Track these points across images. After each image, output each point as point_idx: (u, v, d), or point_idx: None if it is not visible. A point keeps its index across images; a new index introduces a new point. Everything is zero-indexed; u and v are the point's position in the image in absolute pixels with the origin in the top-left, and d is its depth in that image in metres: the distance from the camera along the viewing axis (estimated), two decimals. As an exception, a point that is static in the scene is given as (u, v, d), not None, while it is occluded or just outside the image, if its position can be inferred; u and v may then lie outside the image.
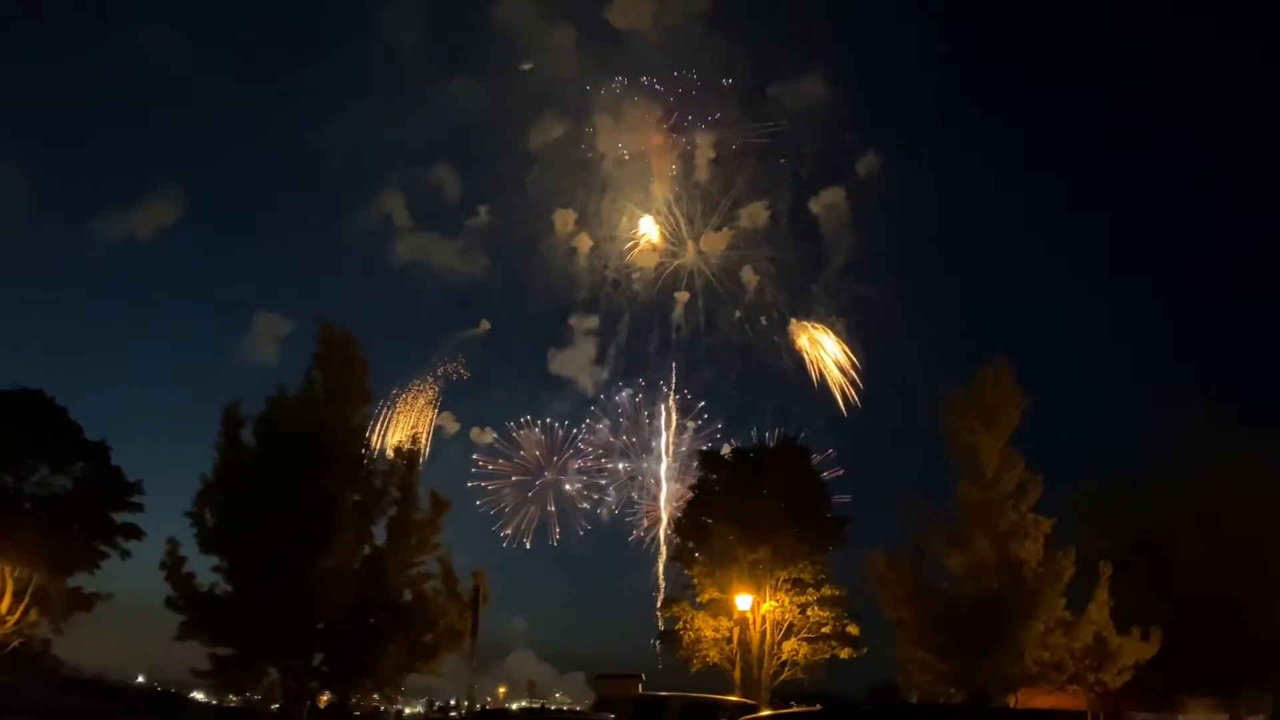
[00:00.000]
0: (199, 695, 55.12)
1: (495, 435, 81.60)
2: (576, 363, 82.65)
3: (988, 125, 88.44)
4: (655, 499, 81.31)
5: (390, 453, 30.03)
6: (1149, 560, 36.31)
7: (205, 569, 26.93)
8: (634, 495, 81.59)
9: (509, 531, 79.95)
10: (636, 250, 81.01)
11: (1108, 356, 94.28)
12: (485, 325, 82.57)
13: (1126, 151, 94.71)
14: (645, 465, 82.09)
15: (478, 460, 80.00)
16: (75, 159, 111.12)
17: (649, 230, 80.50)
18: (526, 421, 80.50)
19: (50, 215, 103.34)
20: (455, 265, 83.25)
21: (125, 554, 35.79)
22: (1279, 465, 36.93)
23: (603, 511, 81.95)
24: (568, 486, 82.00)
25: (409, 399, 78.62)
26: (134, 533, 35.90)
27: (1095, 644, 30.19)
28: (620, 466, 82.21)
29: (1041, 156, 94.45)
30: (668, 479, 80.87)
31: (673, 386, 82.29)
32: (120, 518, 35.91)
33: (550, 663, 77.83)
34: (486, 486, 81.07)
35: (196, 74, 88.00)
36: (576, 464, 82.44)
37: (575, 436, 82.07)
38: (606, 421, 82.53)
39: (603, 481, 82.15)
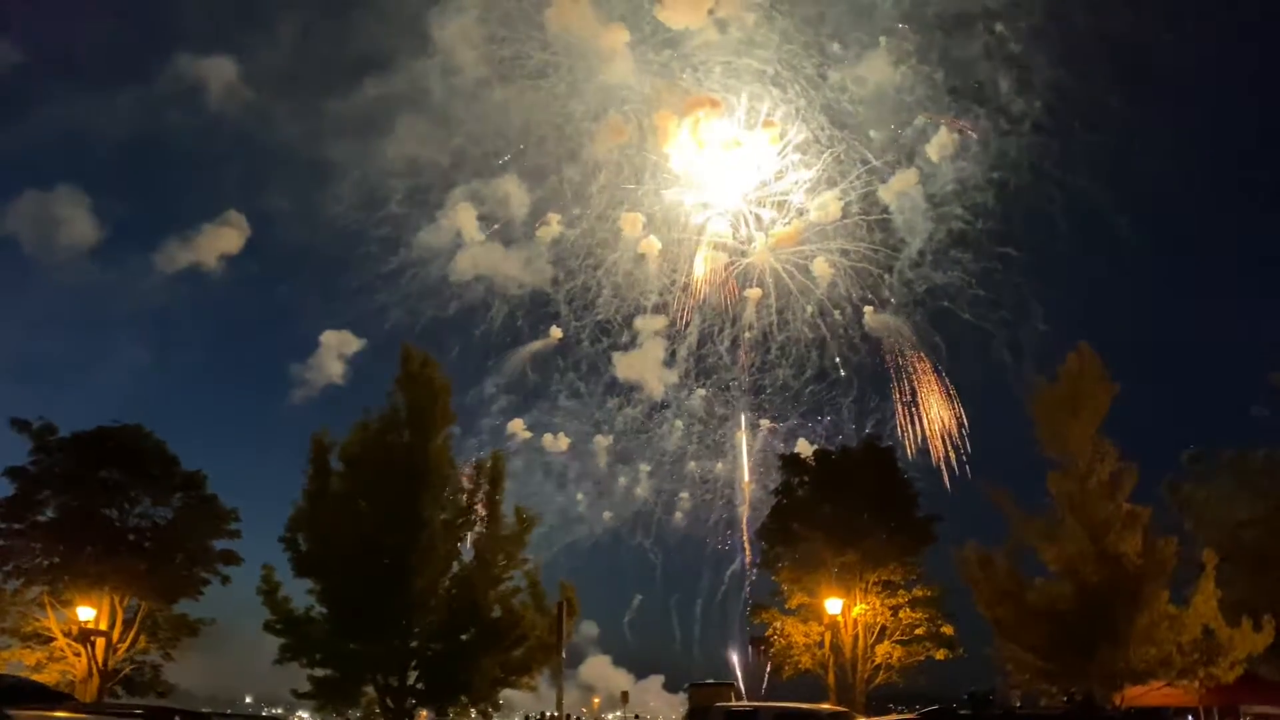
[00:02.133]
0: (305, 715, 56.59)
1: (569, 440, 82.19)
2: (645, 366, 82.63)
3: (1071, 99, 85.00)
4: (731, 501, 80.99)
5: (473, 470, 30.41)
6: (1261, 545, 34.88)
7: (301, 592, 27.64)
8: (708, 498, 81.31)
9: None
10: (705, 253, 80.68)
11: (1205, 330, 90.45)
12: (557, 334, 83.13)
13: (1221, 121, 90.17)
14: (720, 467, 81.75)
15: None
16: (136, 192, 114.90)
17: (717, 229, 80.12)
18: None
19: (116, 249, 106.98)
20: (523, 275, 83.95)
21: (226, 579, 37.04)
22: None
23: (677, 515, 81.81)
24: (639, 490, 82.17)
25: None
26: (233, 559, 37.16)
27: (1203, 636, 29.03)
28: (692, 468, 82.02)
29: (1125, 129, 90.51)
30: (746, 480, 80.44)
31: (746, 385, 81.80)
32: (219, 544, 37.20)
33: (624, 668, 77.77)
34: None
35: (251, 101, 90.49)
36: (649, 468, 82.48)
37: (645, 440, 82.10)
38: (678, 424, 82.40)
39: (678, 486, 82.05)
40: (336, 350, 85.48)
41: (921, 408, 76.53)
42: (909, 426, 75.69)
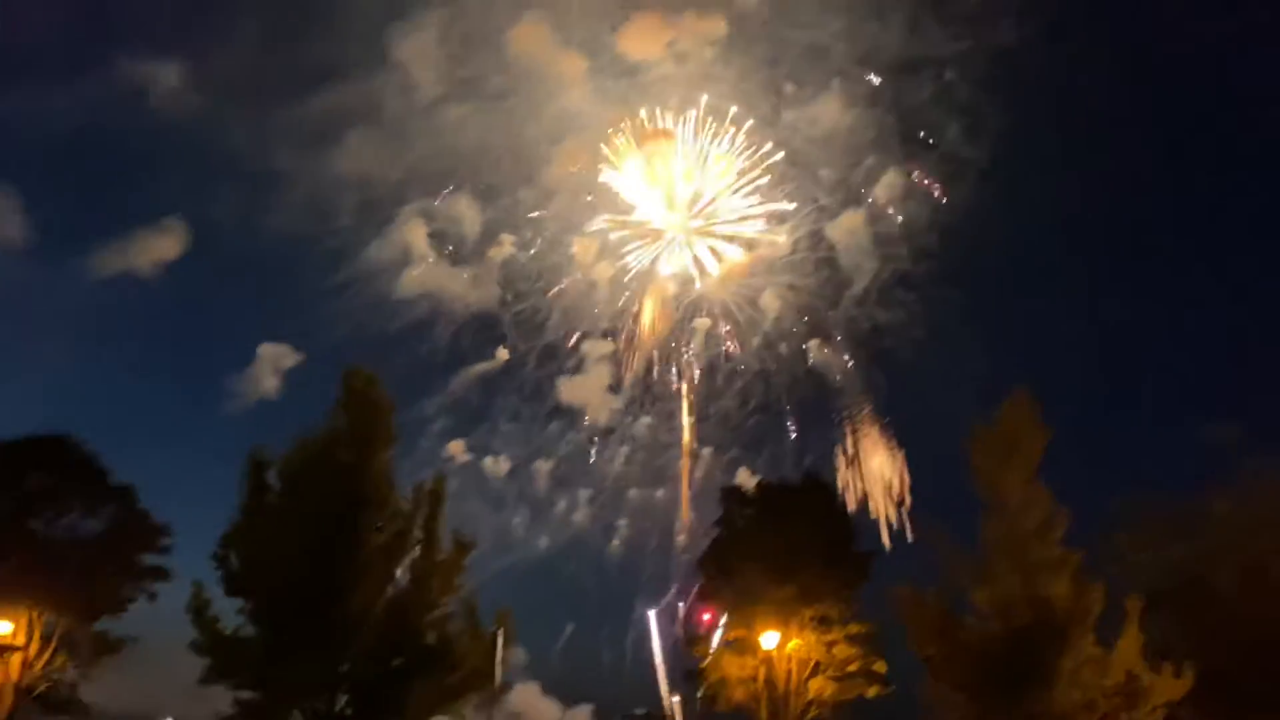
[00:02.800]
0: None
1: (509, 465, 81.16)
2: (590, 391, 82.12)
3: (1014, 144, 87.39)
4: (670, 530, 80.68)
5: (413, 493, 30.06)
6: (1184, 592, 35.81)
7: (230, 612, 27.05)
8: (648, 525, 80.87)
9: None
10: (656, 281, 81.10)
11: (1142, 383, 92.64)
12: (503, 355, 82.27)
13: (1161, 170, 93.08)
14: (661, 495, 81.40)
15: None
16: (72, 193, 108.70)
17: (669, 258, 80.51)
18: None
19: (47, 250, 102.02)
20: (471, 296, 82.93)
21: (153, 597, 36.16)
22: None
23: (615, 543, 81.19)
24: (577, 516, 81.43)
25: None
26: (161, 575, 36.29)
27: (1127, 681, 29.67)
28: (633, 495, 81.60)
29: (1069, 175, 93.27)
30: (685, 509, 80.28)
31: (691, 414, 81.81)
32: (148, 560, 36.31)
33: (553, 696, 76.42)
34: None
35: (199, 106, 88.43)
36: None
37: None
38: (622, 450, 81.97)
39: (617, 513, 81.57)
40: (273, 363, 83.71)
41: (862, 463, 77.24)
42: (851, 481, 76.06)
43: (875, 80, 78.11)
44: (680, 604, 74.23)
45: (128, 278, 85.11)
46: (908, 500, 72.20)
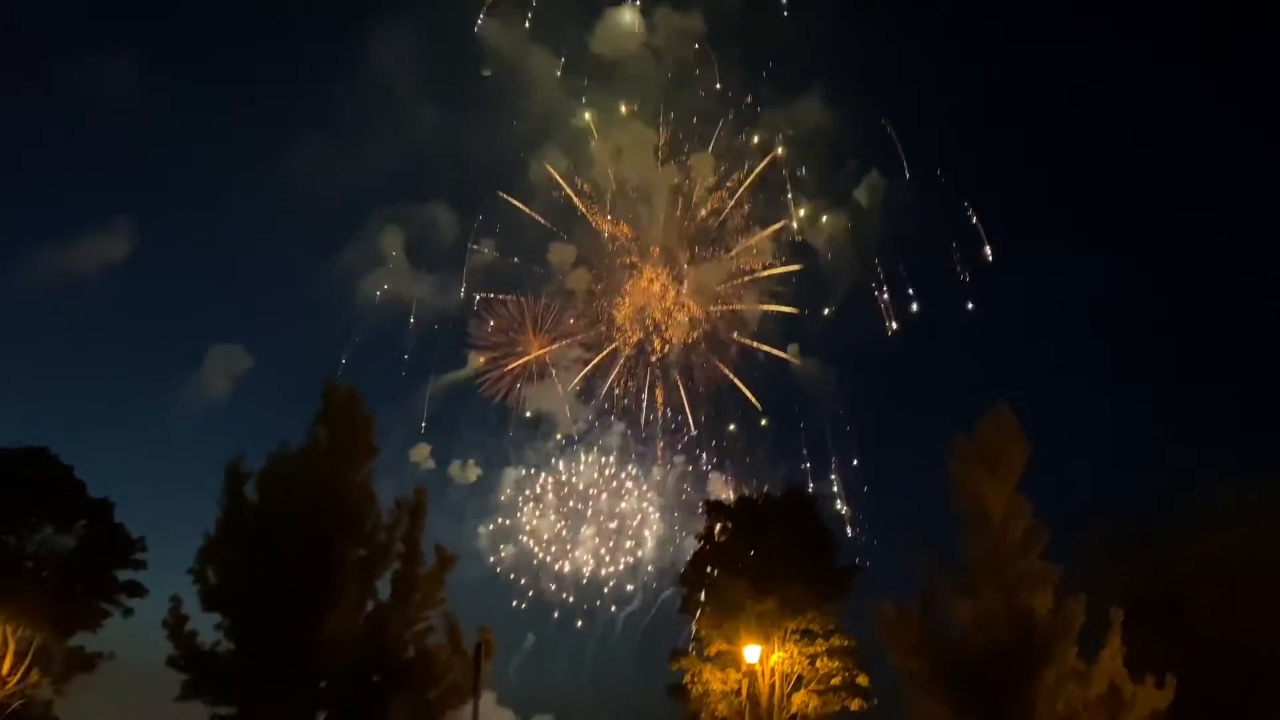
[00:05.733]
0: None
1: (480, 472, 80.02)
2: (562, 399, 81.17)
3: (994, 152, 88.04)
4: (638, 540, 79.94)
5: (394, 507, 29.83)
6: (1163, 605, 36.01)
7: (208, 627, 26.77)
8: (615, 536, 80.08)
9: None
10: (632, 284, 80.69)
11: (1117, 400, 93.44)
12: (478, 362, 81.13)
13: (1140, 187, 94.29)
14: (628, 505, 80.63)
15: None
16: (14, 192, 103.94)
17: (647, 262, 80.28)
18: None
19: None
20: (443, 302, 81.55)
21: (128, 612, 35.62)
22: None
23: (580, 552, 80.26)
24: (543, 526, 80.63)
25: None
26: (137, 590, 35.72)
27: (1109, 693, 29.74)
28: (602, 504, 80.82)
29: (1049, 180, 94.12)
30: (658, 520, 79.70)
31: (664, 423, 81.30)
32: (123, 575, 35.82)
33: (509, 707, 75.15)
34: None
35: (155, 102, 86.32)
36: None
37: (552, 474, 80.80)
38: (592, 458, 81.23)
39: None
40: (224, 366, 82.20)
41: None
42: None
43: (856, 81, 78.65)
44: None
45: (73, 281, 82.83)
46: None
